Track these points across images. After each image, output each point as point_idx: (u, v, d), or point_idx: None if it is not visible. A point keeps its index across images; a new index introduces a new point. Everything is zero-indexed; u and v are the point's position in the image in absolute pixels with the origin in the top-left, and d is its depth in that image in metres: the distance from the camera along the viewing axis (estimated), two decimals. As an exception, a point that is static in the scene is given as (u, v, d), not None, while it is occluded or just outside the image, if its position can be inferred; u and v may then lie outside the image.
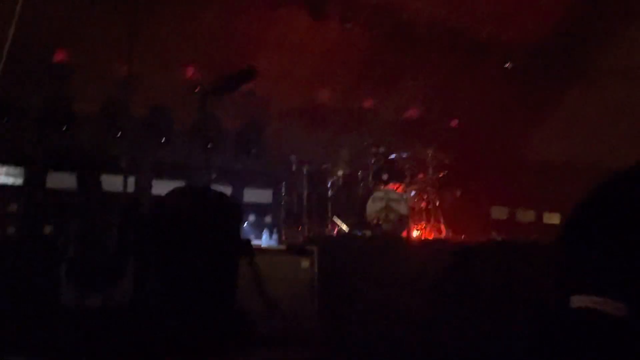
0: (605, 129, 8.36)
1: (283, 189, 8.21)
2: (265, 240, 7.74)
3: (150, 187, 7.59)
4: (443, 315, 3.10)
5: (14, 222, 6.45)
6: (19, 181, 6.97)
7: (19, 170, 7.02)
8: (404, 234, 7.14)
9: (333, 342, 4.02)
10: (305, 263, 5.75)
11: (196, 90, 4.64)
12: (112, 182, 6.64)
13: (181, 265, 2.69)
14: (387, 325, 5.12)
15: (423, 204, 7.84)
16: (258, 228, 8.03)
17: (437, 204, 7.81)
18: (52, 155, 6.85)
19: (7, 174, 6.98)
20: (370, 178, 7.39)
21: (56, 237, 3.62)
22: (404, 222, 7.08)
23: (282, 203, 8.20)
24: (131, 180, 7.05)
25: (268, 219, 8.37)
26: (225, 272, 2.80)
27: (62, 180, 6.76)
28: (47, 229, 6.07)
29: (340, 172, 7.57)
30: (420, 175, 7.83)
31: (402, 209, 7.07)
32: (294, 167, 7.95)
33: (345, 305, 5.66)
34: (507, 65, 8.62)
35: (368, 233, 6.83)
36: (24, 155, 7.03)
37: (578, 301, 1.35)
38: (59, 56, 7.33)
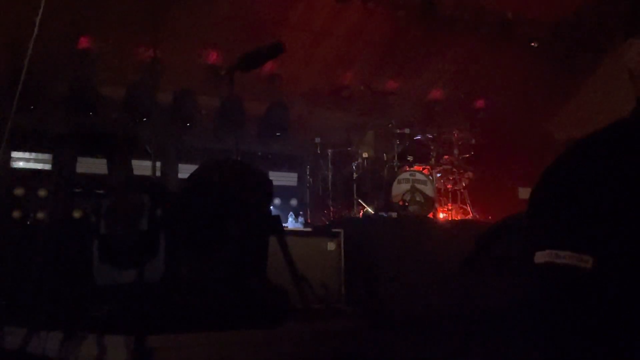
0: (632, 107, 8.19)
1: (308, 172, 8.22)
2: (290, 223, 7.77)
3: (176, 171, 7.66)
4: (471, 291, 3.08)
5: (47, 207, 6.55)
6: (48, 166, 7.09)
7: (47, 157, 7.14)
8: (430, 215, 7.11)
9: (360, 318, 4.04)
10: (331, 245, 5.76)
11: (222, 73, 4.65)
12: (138, 167, 6.71)
13: (212, 239, 2.71)
14: (411, 304, 5.12)
15: (449, 186, 7.79)
16: (283, 211, 8.06)
17: (464, 185, 7.76)
18: (80, 141, 6.94)
19: (37, 160, 7.10)
20: (396, 160, 7.35)
21: (88, 218, 3.68)
22: (430, 203, 7.04)
23: (308, 186, 8.21)
24: (157, 164, 7.12)
25: (293, 202, 8.40)
26: (257, 247, 2.81)
27: (92, 165, 6.86)
28: (79, 212, 6.16)
29: (365, 154, 7.54)
30: (446, 157, 7.77)
31: (428, 190, 7.02)
32: (318, 150, 7.95)
33: (371, 288, 5.67)
34: (532, 43, 8.50)
35: (394, 215, 6.80)
36: (53, 141, 7.14)
37: (540, 257, 1.31)
38: (84, 43, 7.39)
